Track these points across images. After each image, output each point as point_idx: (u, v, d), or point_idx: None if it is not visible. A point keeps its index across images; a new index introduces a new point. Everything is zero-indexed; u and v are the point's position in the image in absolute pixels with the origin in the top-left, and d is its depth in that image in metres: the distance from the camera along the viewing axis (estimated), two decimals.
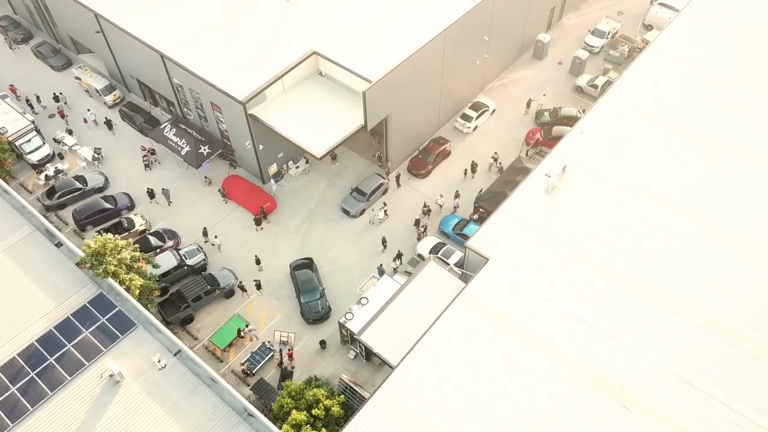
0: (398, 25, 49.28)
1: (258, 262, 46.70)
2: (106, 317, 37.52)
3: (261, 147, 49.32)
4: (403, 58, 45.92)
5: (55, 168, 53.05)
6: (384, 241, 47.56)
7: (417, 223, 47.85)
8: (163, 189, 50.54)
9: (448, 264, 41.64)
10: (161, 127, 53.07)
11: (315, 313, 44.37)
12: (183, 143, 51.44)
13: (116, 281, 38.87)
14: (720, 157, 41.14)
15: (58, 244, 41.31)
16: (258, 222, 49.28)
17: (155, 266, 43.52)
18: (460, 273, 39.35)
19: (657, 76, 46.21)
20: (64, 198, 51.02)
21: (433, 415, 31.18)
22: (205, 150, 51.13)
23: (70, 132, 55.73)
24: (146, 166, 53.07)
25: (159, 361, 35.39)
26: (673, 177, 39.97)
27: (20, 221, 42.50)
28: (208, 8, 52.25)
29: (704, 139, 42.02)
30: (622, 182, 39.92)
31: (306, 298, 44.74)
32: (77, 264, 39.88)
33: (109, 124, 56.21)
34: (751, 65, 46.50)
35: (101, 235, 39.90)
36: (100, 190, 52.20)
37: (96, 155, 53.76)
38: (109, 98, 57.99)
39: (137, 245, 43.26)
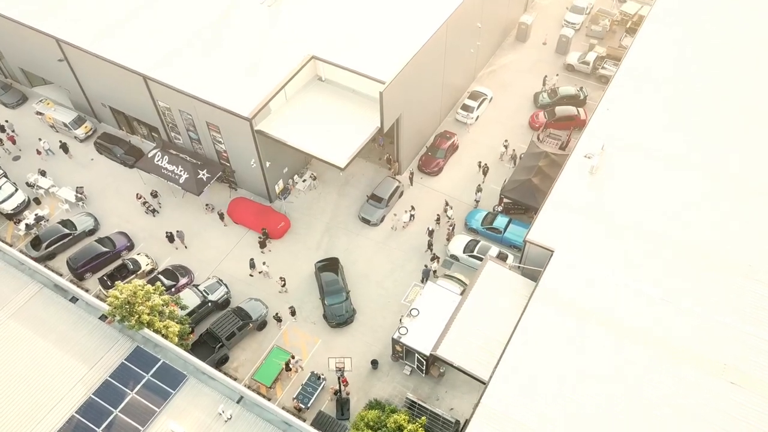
0: (393, 22, 47.03)
1: (284, 284, 43.95)
2: (151, 373, 33.74)
3: (268, 164, 46.01)
4: (412, 54, 43.75)
5: (35, 215, 47.90)
6: (430, 244, 45.40)
7: (431, 233, 45.68)
8: (177, 231, 46.36)
9: (505, 262, 39.80)
10: (149, 155, 48.76)
11: (338, 317, 42.08)
12: (179, 170, 47.41)
13: (151, 330, 35.06)
14: (753, 111, 41.07)
15: (74, 299, 37.07)
16: (263, 244, 45.98)
17: (183, 308, 39.73)
18: (518, 268, 37.66)
19: (664, 43, 45.90)
20: (53, 247, 46.06)
21: (541, 421, 29.35)
22: (204, 175, 47.32)
23: (43, 173, 50.49)
24: (153, 212, 48.37)
25: (223, 413, 32.05)
26: (712, 142, 39.64)
27: (22, 280, 37.90)
28: (185, 22, 48.32)
29: (732, 97, 41.83)
30: (662, 154, 39.27)
31: (330, 300, 42.43)
32: (101, 318, 35.80)
33: (64, 147, 51.55)
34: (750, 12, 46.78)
35: (126, 283, 35.96)
36: (92, 232, 47.50)
37: (79, 195, 48.89)
38: (80, 131, 53.01)
39: (163, 288, 39.26)
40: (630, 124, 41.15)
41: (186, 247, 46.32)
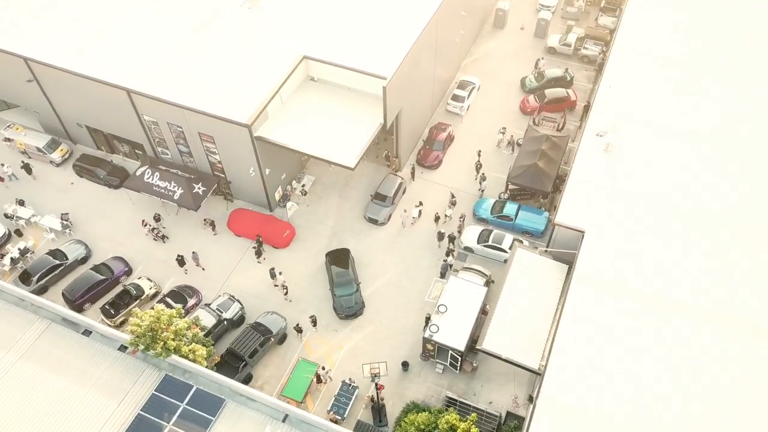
0: (380, 16, 46.00)
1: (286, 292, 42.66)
2: (186, 401, 31.68)
3: (268, 171, 44.20)
4: (408, 47, 42.75)
5: (19, 248, 44.70)
6: (441, 236, 44.41)
7: (441, 237, 44.69)
8: (193, 253, 43.90)
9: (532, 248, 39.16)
10: (138, 174, 46.19)
11: (348, 308, 41.26)
12: (173, 186, 45.05)
13: (178, 356, 33.00)
14: (751, 73, 41.70)
15: (87, 332, 34.57)
16: (258, 252, 44.25)
17: (203, 329, 37.66)
18: (546, 253, 37.13)
19: (652, 17, 46.30)
20: (44, 280, 43.04)
21: (603, 405, 28.82)
22: (199, 188, 45.13)
23: (21, 203, 47.22)
24: (162, 238, 45.65)
25: None
26: (719, 109, 40.04)
27: (26, 317, 35.14)
28: (163, 32, 46.01)
29: (730, 64, 42.40)
30: (672, 126, 39.51)
31: (340, 291, 41.54)
32: (121, 349, 33.49)
33: (27, 168, 48.66)
34: None
35: (147, 308, 33.70)
36: (84, 260, 44.66)
37: (64, 222, 45.89)
38: (56, 155, 49.86)
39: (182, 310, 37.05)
40: (635, 99, 41.27)
41: (203, 269, 44.04)
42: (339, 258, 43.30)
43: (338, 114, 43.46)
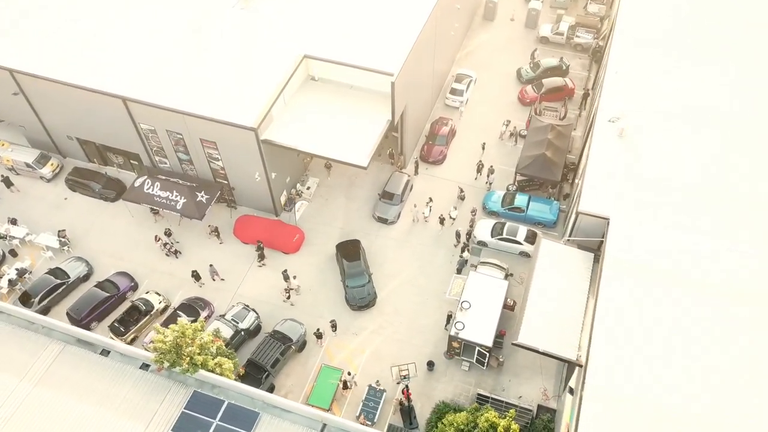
0: (376, 12, 45.07)
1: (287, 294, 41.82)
2: (219, 417, 30.37)
3: (274, 175, 43.00)
4: (412, 42, 41.97)
5: (16, 269, 42.71)
6: (459, 235, 43.83)
7: (458, 236, 44.03)
8: (210, 266, 42.40)
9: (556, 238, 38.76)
10: (136, 185, 44.53)
11: (360, 299, 40.81)
12: (175, 196, 43.56)
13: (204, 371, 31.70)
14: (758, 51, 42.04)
15: (105, 352, 32.98)
16: (261, 256, 43.16)
17: (224, 341, 36.38)
18: (568, 241, 36.74)
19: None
20: (46, 300, 41.20)
21: (650, 392, 28.49)
22: (203, 196, 43.73)
23: (13, 221, 45.15)
24: (175, 253, 43.90)
25: None
26: (728, 88, 40.06)
27: (38, 341, 33.38)
28: (156, 37, 44.40)
29: (734, 43, 42.46)
30: (683, 108, 39.25)
31: (352, 282, 40.99)
32: (143, 367, 32.05)
33: (6, 181, 46.94)
34: None
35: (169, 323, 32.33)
36: (86, 278, 42.92)
37: (62, 239, 44.00)
38: (46, 170, 47.84)
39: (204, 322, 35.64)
40: (642, 83, 41.04)
41: (223, 279, 42.67)
42: (350, 249, 42.76)
43: (343, 113, 42.46)
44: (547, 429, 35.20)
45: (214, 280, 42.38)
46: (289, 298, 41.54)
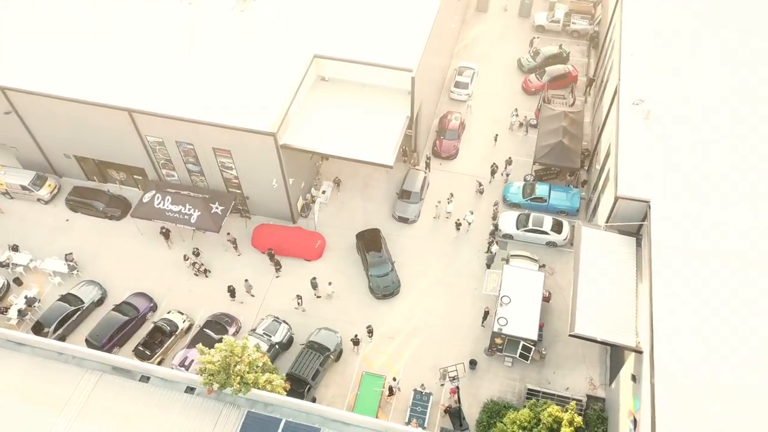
0: (381, 8, 44.05)
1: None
2: None
3: (291, 181, 41.52)
4: (426, 37, 41.13)
5: (26, 297, 40.27)
6: (492, 232, 43.01)
7: (493, 233, 43.26)
8: (245, 281, 40.54)
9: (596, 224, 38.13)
10: (145, 200, 42.44)
11: (385, 288, 40.40)
12: (188, 209, 41.68)
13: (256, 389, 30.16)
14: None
15: (144, 378, 31.10)
16: (278, 265, 41.72)
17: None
18: (607, 227, 36.27)
19: None
20: (61, 329, 38.91)
21: (721, 375, 28.16)
22: (217, 208, 41.95)
23: (15, 248, 42.57)
24: (205, 272, 41.83)
25: None
26: (748, 60, 40.18)
27: (71, 372, 31.32)
28: (154, 45, 42.53)
29: (741, 13, 42.82)
30: (707, 85, 39.24)
31: (375, 271, 40.57)
32: (187, 391, 30.34)
33: None
34: None
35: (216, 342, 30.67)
36: (101, 302, 40.74)
37: (70, 263, 41.67)
38: (44, 191, 45.30)
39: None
40: (659, 64, 40.93)
41: (253, 295, 40.92)
42: (370, 238, 42.18)
43: (360, 112, 41.27)
44: (600, 418, 34.69)
45: (253, 296, 40.68)
46: (300, 304, 40.12)
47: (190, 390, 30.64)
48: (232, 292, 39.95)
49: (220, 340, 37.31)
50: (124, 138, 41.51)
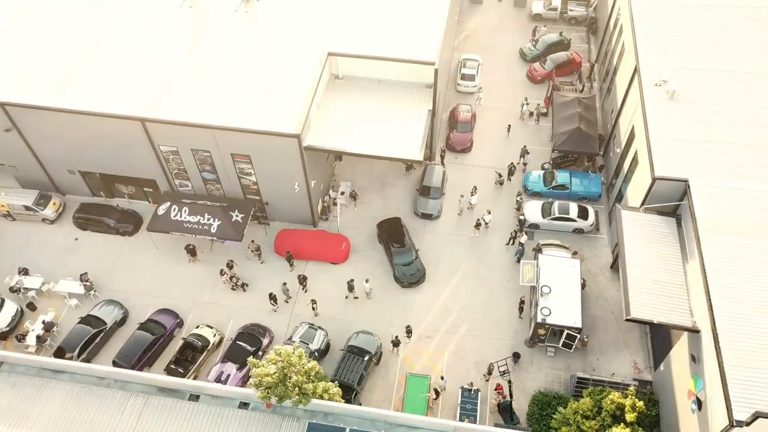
0: (388, 2, 43.29)
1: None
2: None
3: (313, 183, 40.37)
4: (441, 30, 40.57)
5: (43, 323, 38.24)
6: (523, 222, 42.48)
7: (522, 223, 42.64)
8: (284, 284, 39.18)
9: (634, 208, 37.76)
10: (160, 212, 40.76)
11: (411, 276, 40.07)
12: (207, 219, 40.15)
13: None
14: None
15: (193, 397, 29.65)
16: (291, 265, 40.76)
17: None
18: (646, 209, 36.08)
19: None
20: (85, 353, 37.03)
21: None
22: (237, 216, 40.51)
23: (24, 272, 40.43)
24: (242, 286, 40.30)
25: None
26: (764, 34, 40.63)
27: (115, 397, 29.72)
28: (161, 51, 41.00)
29: None
30: (728, 58, 39.42)
31: (400, 259, 40.20)
32: (241, 406, 29.03)
33: None
34: None
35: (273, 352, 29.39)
36: (123, 321, 38.94)
37: (86, 283, 39.74)
38: (49, 211, 43.18)
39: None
40: (676, 43, 40.99)
41: (287, 300, 39.88)
42: (392, 228, 41.66)
43: (379, 109, 40.40)
44: (651, 401, 34.45)
45: (291, 297, 39.73)
46: (315, 308, 39.09)
47: (243, 405, 29.35)
48: (274, 299, 38.55)
49: (255, 352, 36.40)
50: (135, 149, 39.79)
